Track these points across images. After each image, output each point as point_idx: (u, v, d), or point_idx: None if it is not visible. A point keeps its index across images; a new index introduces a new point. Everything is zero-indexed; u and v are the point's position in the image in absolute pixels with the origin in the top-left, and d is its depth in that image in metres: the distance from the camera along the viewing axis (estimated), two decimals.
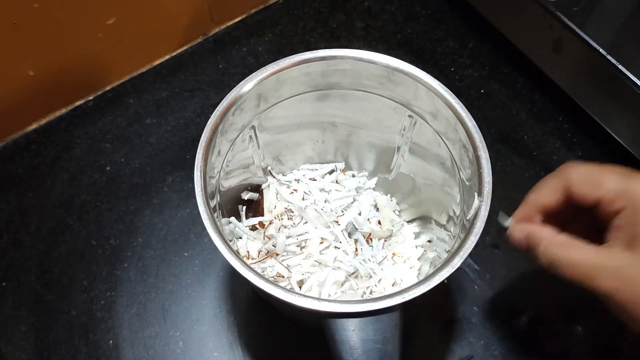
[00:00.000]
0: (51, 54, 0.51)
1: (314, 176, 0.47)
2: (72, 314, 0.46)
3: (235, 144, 0.41)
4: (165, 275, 0.48)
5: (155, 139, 0.55)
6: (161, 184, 0.52)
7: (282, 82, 0.40)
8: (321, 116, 0.45)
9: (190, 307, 0.46)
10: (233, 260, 0.32)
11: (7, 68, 0.50)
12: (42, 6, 0.47)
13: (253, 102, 0.40)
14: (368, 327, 0.30)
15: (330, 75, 0.41)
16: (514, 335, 0.45)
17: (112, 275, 0.48)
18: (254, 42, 0.61)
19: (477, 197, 0.34)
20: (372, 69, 0.39)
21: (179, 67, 0.60)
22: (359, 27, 0.63)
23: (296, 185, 0.46)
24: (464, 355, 0.44)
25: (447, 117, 0.38)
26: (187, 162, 0.53)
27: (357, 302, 0.30)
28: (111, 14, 0.52)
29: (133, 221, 0.50)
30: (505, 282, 0.47)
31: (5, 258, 0.49)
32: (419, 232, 0.46)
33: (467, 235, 0.33)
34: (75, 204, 0.51)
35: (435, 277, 0.31)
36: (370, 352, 0.30)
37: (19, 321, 0.46)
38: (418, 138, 0.42)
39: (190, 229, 0.50)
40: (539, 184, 0.36)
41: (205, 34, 0.62)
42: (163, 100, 0.58)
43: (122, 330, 0.45)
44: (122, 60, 0.58)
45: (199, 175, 0.35)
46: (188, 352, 0.45)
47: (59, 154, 0.54)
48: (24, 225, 0.50)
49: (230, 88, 0.38)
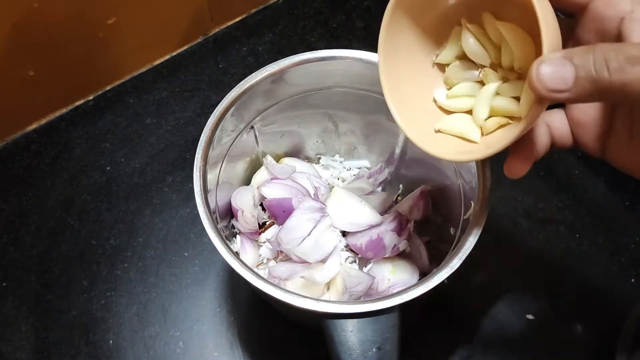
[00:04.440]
0: (51, 54, 0.51)
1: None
2: (72, 314, 0.46)
3: (235, 144, 0.41)
4: (165, 275, 0.48)
5: (155, 138, 0.55)
6: (161, 184, 0.52)
7: (282, 82, 0.40)
8: (321, 116, 0.45)
9: (190, 307, 0.46)
10: (232, 260, 0.32)
11: (7, 68, 0.50)
12: (42, 6, 0.47)
13: (253, 102, 0.40)
14: (367, 328, 0.30)
15: (330, 75, 0.41)
16: (514, 335, 0.45)
17: (112, 275, 0.48)
18: (254, 42, 0.61)
19: (477, 198, 0.34)
20: (372, 69, 0.39)
21: (179, 67, 0.60)
22: (359, 27, 0.63)
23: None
24: (464, 355, 0.44)
25: None
26: (187, 162, 0.53)
27: (356, 303, 0.30)
28: (111, 14, 0.52)
29: (133, 221, 0.50)
30: (505, 282, 0.47)
31: (5, 258, 0.49)
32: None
33: (466, 236, 0.33)
34: (75, 204, 0.51)
35: (434, 277, 0.31)
36: (368, 352, 0.30)
37: (19, 321, 0.46)
38: None
39: (190, 229, 0.50)
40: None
41: (205, 34, 0.62)
42: (163, 100, 0.58)
43: (122, 330, 0.45)
44: (122, 60, 0.58)
45: (199, 175, 0.35)
46: (188, 352, 0.45)
47: (59, 154, 0.54)
48: (24, 225, 0.50)
49: (230, 88, 0.38)
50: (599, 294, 0.47)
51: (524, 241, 0.49)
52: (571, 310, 0.46)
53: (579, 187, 0.52)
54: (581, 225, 0.50)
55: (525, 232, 0.50)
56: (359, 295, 0.39)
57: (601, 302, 0.46)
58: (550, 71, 0.23)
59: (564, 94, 0.24)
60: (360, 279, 0.39)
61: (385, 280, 0.41)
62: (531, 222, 0.50)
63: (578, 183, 0.52)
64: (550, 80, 0.23)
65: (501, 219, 0.50)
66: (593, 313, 0.46)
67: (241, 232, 0.43)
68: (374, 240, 0.40)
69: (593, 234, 0.49)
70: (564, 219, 0.50)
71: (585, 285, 0.47)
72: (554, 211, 0.51)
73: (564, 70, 0.23)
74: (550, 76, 0.23)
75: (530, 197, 0.51)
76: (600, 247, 0.49)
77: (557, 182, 0.52)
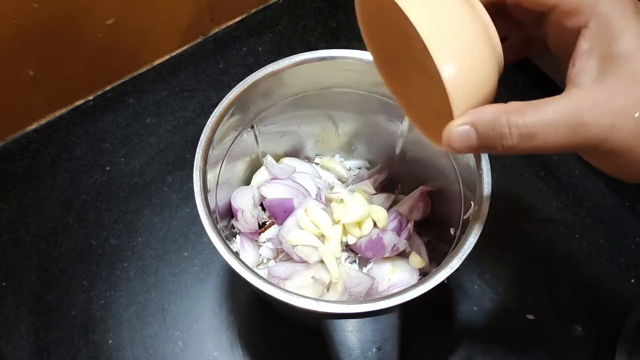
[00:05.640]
0: (51, 54, 0.51)
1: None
2: (72, 313, 0.46)
3: (235, 144, 0.41)
4: (164, 274, 0.48)
5: (155, 138, 0.55)
6: (161, 184, 0.52)
7: (282, 82, 0.40)
8: (321, 116, 0.45)
9: (189, 307, 0.46)
10: (232, 260, 0.32)
11: (7, 68, 0.50)
12: (42, 6, 0.47)
13: (253, 102, 0.40)
14: (366, 328, 0.30)
15: (330, 75, 0.41)
16: (514, 336, 0.45)
17: (112, 275, 0.48)
18: (254, 42, 0.61)
19: (477, 198, 0.34)
20: (371, 69, 0.39)
21: (179, 67, 0.60)
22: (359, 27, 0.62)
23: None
24: (464, 355, 0.44)
25: None
26: (187, 162, 0.53)
27: (356, 303, 0.30)
28: (111, 14, 0.52)
29: (133, 221, 0.50)
30: (505, 282, 0.47)
31: (5, 258, 0.49)
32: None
33: (466, 236, 0.33)
34: (75, 204, 0.51)
35: (434, 277, 0.31)
36: (368, 352, 0.30)
37: (19, 321, 0.46)
38: (418, 138, 0.42)
39: (190, 229, 0.50)
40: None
41: (205, 34, 0.62)
42: (163, 100, 0.58)
43: (121, 329, 0.45)
44: (122, 60, 0.58)
45: (199, 175, 0.35)
46: (188, 351, 0.45)
47: (59, 154, 0.54)
48: (24, 225, 0.50)
49: (230, 88, 0.38)
50: (599, 294, 0.47)
51: (524, 241, 0.49)
52: (571, 310, 0.46)
53: (579, 188, 0.52)
54: (581, 226, 0.50)
55: (525, 232, 0.50)
56: (359, 295, 0.39)
57: (601, 303, 0.46)
58: (457, 138, 0.27)
59: (472, 150, 0.28)
60: (360, 279, 0.39)
61: (385, 280, 0.41)
62: (531, 222, 0.50)
63: (578, 183, 0.52)
64: (458, 143, 0.27)
65: (501, 219, 0.50)
66: (593, 313, 0.46)
67: (241, 232, 0.43)
68: (373, 239, 0.40)
69: (593, 234, 0.49)
70: (564, 219, 0.50)
71: (585, 285, 0.47)
72: (554, 211, 0.51)
73: (469, 137, 0.27)
74: (457, 140, 0.27)
75: (530, 197, 0.51)
76: (600, 247, 0.49)
77: (557, 182, 0.52)
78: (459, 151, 0.28)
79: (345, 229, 0.40)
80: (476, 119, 0.27)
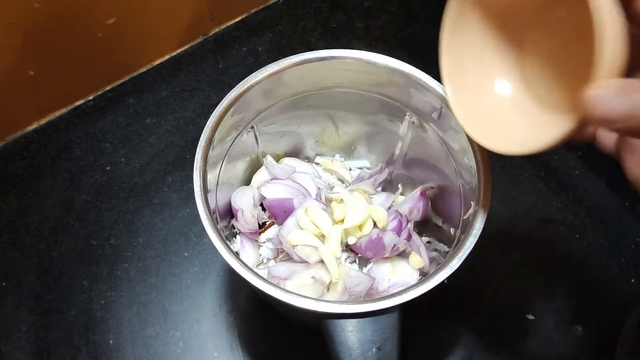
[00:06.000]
0: (51, 54, 0.51)
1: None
2: (72, 314, 0.46)
3: (235, 144, 0.41)
4: (165, 275, 0.48)
5: (155, 138, 0.55)
6: (161, 184, 0.53)
7: (282, 82, 0.40)
8: (321, 116, 0.45)
9: (190, 307, 0.46)
10: (232, 260, 0.32)
11: (7, 68, 0.50)
12: (42, 6, 0.47)
13: (253, 102, 0.40)
14: (367, 328, 0.30)
15: (330, 75, 0.41)
16: (514, 335, 0.45)
17: (112, 275, 0.48)
18: (254, 42, 0.61)
19: (477, 198, 0.34)
20: (371, 69, 0.39)
21: (179, 67, 0.60)
22: (359, 27, 0.63)
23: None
24: (464, 355, 0.44)
25: (447, 118, 0.38)
26: (187, 162, 0.53)
27: (356, 303, 0.30)
28: (111, 14, 0.52)
29: (133, 221, 0.51)
30: (505, 282, 0.47)
31: (5, 258, 0.49)
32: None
33: (466, 236, 0.33)
34: (75, 204, 0.51)
35: (434, 277, 0.31)
36: (368, 352, 0.30)
37: (19, 321, 0.46)
38: (418, 138, 0.42)
39: (190, 229, 0.50)
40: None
41: (205, 34, 0.62)
42: (163, 100, 0.58)
43: (122, 330, 0.45)
44: (122, 60, 0.58)
45: (199, 175, 0.35)
46: (188, 352, 0.45)
47: (59, 154, 0.54)
48: (24, 225, 0.50)
49: (230, 88, 0.38)
50: (599, 294, 0.47)
51: (524, 241, 0.49)
52: (571, 311, 0.46)
53: (579, 188, 0.52)
54: (581, 226, 0.50)
55: (525, 233, 0.50)
56: (359, 295, 0.39)
57: (601, 303, 0.46)
58: (603, 99, 0.22)
59: (614, 124, 0.22)
60: (361, 279, 0.39)
61: (385, 280, 0.41)
62: (531, 222, 0.50)
63: (578, 183, 0.52)
64: (607, 105, 0.22)
65: (501, 219, 0.50)
66: (593, 313, 0.46)
67: (241, 232, 0.43)
68: (373, 240, 0.40)
69: (593, 234, 0.49)
70: (564, 219, 0.50)
71: (585, 285, 0.47)
72: (554, 211, 0.51)
73: (619, 101, 0.21)
74: (601, 103, 0.22)
75: (530, 197, 0.51)
76: (600, 247, 0.49)
77: (557, 182, 0.52)
78: (599, 119, 0.22)
79: (346, 229, 0.40)
80: (628, 83, 0.22)
